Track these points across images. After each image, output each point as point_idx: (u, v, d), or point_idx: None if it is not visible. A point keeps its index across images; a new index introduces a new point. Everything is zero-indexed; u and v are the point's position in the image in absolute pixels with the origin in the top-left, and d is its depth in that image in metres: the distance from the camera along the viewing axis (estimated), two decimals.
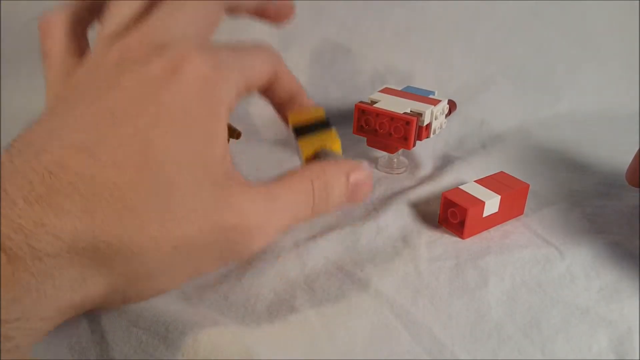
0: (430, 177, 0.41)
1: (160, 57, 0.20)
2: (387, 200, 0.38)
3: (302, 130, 0.30)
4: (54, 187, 0.18)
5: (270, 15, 0.29)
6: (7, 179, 0.17)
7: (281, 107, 0.31)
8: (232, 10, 0.27)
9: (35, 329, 0.18)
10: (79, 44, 0.25)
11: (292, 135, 0.32)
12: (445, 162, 0.44)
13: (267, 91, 0.28)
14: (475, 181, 0.35)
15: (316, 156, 0.29)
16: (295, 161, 0.30)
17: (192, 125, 0.20)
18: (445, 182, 0.40)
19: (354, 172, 0.26)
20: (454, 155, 0.45)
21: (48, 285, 0.18)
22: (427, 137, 0.40)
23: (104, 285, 0.20)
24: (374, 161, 0.44)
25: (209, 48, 0.22)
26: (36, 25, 0.25)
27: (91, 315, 0.25)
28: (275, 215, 0.23)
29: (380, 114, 0.38)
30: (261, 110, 0.49)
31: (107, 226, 0.18)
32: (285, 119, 0.32)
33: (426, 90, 0.43)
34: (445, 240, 0.33)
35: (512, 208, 0.35)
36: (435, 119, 0.39)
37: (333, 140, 0.30)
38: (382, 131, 0.38)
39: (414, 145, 0.38)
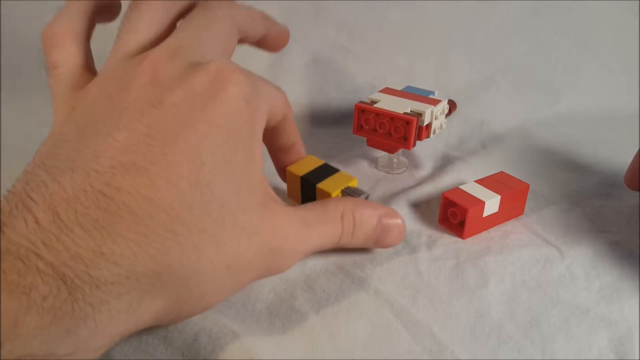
0: (430, 177, 0.41)
1: (203, 74, 0.20)
2: (387, 200, 0.38)
3: (313, 178, 0.32)
4: (109, 210, 0.17)
5: (268, 45, 0.31)
6: (58, 203, 0.16)
7: (280, 153, 0.32)
8: (241, 40, 0.28)
9: (88, 353, 0.18)
10: (87, 56, 0.25)
11: (293, 186, 0.34)
12: (445, 162, 0.44)
13: (273, 133, 0.29)
14: (475, 181, 0.35)
15: (343, 196, 0.32)
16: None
17: (238, 146, 0.20)
18: (445, 182, 0.40)
19: (387, 218, 0.28)
20: (454, 155, 0.45)
21: (104, 314, 0.17)
22: (427, 137, 0.40)
23: (158, 308, 0.19)
24: (374, 161, 0.44)
25: (247, 71, 0.22)
26: (36, 27, 0.25)
27: None
28: (309, 242, 0.25)
29: (380, 113, 0.38)
30: None
31: (165, 249, 0.18)
32: (281, 166, 0.33)
33: (426, 90, 0.43)
34: (445, 240, 0.33)
35: (512, 208, 0.35)
36: (435, 119, 0.39)
37: (350, 179, 0.32)
38: (382, 131, 0.38)
39: (414, 145, 0.38)
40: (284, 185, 0.36)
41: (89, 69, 0.24)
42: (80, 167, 0.18)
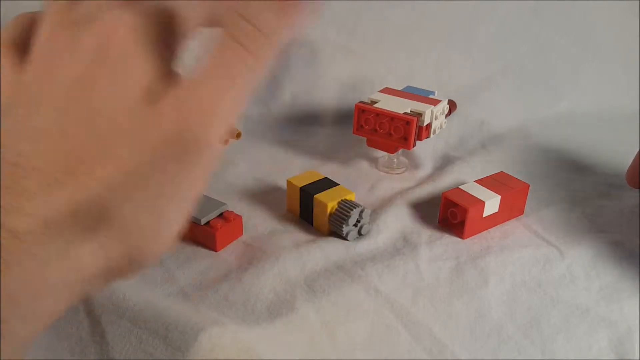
0: (430, 177, 0.41)
1: (89, 27, 0.20)
2: (387, 200, 0.38)
3: (311, 189, 0.34)
4: (19, 176, 0.19)
5: None
6: None
7: None
8: None
9: (31, 314, 0.18)
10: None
11: (292, 198, 0.34)
12: (445, 162, 0.44)
13: None
14: (475, 181, 0.35)
15: (339, 207, 0.33)
16: (293, 161, 0.31)
17: (116, 70, 0.20)
18: (445, 182, 0.40)
19: None
20: (454, 155, 0.45)
21: (32, 263, 0.18)
22: (427, 137, 0.40)
23: (97, 252, 0.20)
24: (374, 161, 0.44)
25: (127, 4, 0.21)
26: None
27: (92, 315, 0.25)
28: (213, 92, 0.20)
29: (380, 113, 0.38)
30: (261, 111, 0.49)
31: (71, 190, 0.19)
32: None
33: (426, 90, 0.43)
34: (446, 240, 0.33)
35: (512, 208, 0.35)
36: (435, 119, 0.39)
37: (348, 193, 0.32)
38: (382, 131, 0.38)
39: (414, 145, 0.38)
40: (284, 195, 0.36)
41: None
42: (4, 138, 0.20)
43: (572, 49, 0.58)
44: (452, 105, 0.43)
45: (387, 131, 0.38)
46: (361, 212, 0.32)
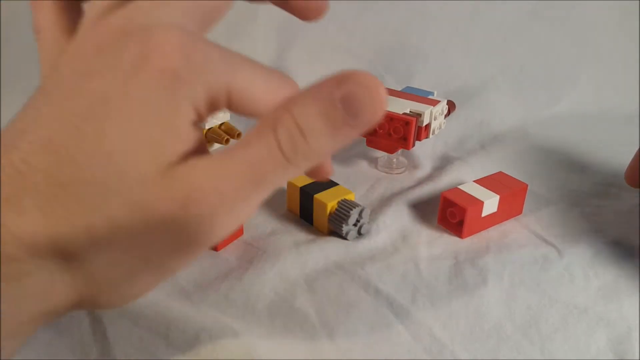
0: (429, 177, 0.42)
1: (135, 43, 0.19)
2: (386, 200, 0.38)
3: (311, 189, 0.34)
4: (19, 186, 0.17)
5: (297, 8, 0.25)
6: None
7: None
8: None
9: (12, 334, 0.18)
10: (71, 19, 0.23)
11: (293, 197, 0.35)
12: (444, 162, 0.44)
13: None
14: (474, 181, 0.35)
15: (339, 207, 0.33)
16: None
17: (152, 120, 0.19)
18: (444, 182, 0.40)
19: (342, 85, 0.18)
20: (453, 156, 0.46)
21: (18, 289, 0.17)
22: (427, 138, 0.40)
23: (70, 293, 0.19)
24: (373, 161, 0.44)
25: (188, 36, 0.19)
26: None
27: (93, 314, 0.26)
28: (232, 175, 0.19)
29: None
30: None
31: (60, 226, 0.18)
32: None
33: (426, 90, 0.43)
34: (445, 240, 0.33)
35: (510, 208, 0.35)
36: (435, 120, 0.39)
37: (348, 193, 0.33)
38: (382, 131, 0.39)
39: (414, 145, 0.38)
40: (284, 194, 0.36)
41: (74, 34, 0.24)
42: (7, 142, 0.18)
43: (572, 49, 0.58)
44: (452, 105, 0.43)
45: (386, 131, 0.38)
46: (361, 211, 0.33)
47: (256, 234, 0.34)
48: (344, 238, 0.33)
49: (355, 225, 0.33)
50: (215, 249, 0.32)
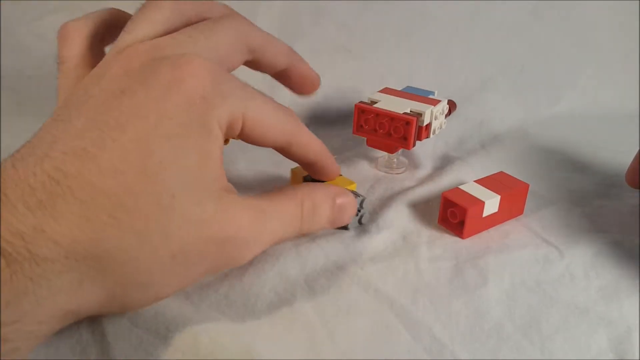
0: (430, 177, 0.42)
1: (168, 65, 0.20)
2: (387, 200, 0.38)
3: (314, 179, 0.34)
4: (54, 192, 0.18)
5: (293, 84, 0.31)
6: (8, 184, 0.18)
7: (307, 168, 0.32)
8: (255, 65, 0.28)
9: (33, 332, 0.18)
10: (94, 54, 0.25)
11: (297, 183, 0.35)
12: (445, 162, 0.44)
13: (284, 153, 0.29)
14: (474, 181, 0.35)
15: None
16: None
17: (189, 141, 0.20)
18: (444, 182, 0.40)
19: (339, 197, 0.29)
20: (453, 156, 0.45)
21: (44, 289, 0.18)
22: (427, 137, 0.40)
23: (100, 293, 0.20)
24: (374, 161, 0.44)
25: (216, 66, 0.22)
26: (36, 27, 0.25)
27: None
28: (267, 230, 0.25)
29: (380, 114, 0.38)
30: None
31: (105, 233, 0.18)
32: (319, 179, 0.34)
33: (426, 90, 0.43)
34: (445, 240, 0.33)
35: (511, 208, 0.35)
36: (435, 119, 0.39)
37: (350, 183, 0.33)
38: (382, 131, 0.38)
39: (414, 145, 0.38)
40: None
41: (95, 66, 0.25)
42: (37, 151, 0.19)
43: (572, 49, 0.58)
44: (452, 105, 0.43)
45: (387, 131, 0.38)
46: (362, 201, 0.33)
47: None
48: (345, 228, 0.33)
49: (356, 215, 0.33)
50: None
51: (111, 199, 0.18)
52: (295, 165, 0.35)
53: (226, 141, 0.38)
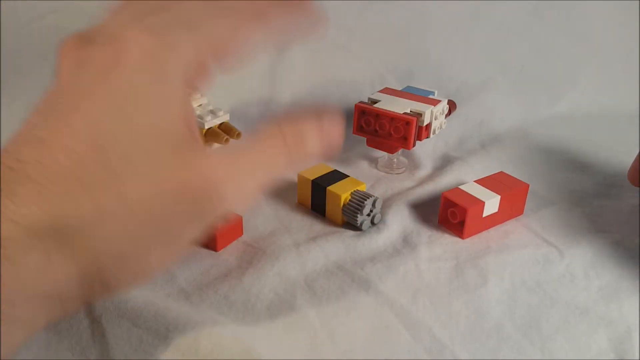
0: (430, 177, 0.42)
1: (104, 42, 0.21)
2: (387, 200, 0.38)
3: (323, 181, 0.35)
4: (11, 180, 0.19)
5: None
6: None
7: None
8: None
9: (8, 315, 0.18)
10: None
11: (303, 190, 0.36)
12: (445, 162, 0.44)
13: None
14: (475, 181, 0.35)
15: (352, 198, 0.34)
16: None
17: (140, 98, 0.21)
18: (445, 182, 0.40)
19: (325, 116, 0.25)
20: (453, 156, 0.45)
21: (10, 269, 0.18)
22: (427, 137, 0.40)
23: (73, 270, 0.20)
24: (373, 161, 0.44)
25: (150, 31, 0.22)
26: (36, 28, 0.25)
27: (92, 315, 0.26)
28: (246, 167, 0.23)
29: (380, 114, 0.38)
30: (261, 111, 0.49)
31: (63, 208, 0.19)
32: None
33: (426, 90, 0.43)
34: (445, 240, 0.33)
35: (511, 208, 0.35)
36: (435, 119, 0.39)
37: (359, 184, 0.35)
38: (382, 131, 0.38)
39: (414, 145, 0.38)
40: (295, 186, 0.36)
41: None
42: (2, 148, 0.20)
43: (572, 49, 0.58)
44: (452, 105, 0.43)
45: (387, 131, 0.38)
46: (374, 201, 0.33)
47: (256, 234, 0.34)
48: (359, 228, 0.33)
49: (368, 215, 0.33)
50: (215, 249, 0.32)
51: (66, 177, 0.19)
52: (291, 175, 0.35)
53: (226, 140, 0.38)
